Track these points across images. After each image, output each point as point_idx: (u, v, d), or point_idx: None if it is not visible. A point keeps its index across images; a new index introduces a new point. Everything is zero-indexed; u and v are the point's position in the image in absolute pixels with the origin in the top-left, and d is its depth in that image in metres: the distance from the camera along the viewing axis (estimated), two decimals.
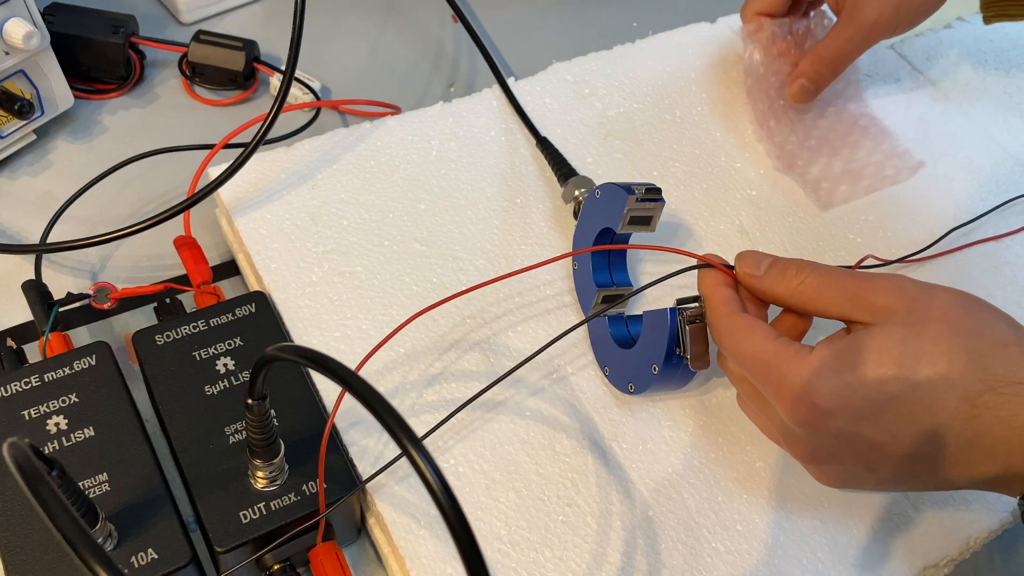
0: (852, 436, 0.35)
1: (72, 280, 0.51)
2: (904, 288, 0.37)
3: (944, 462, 0.35)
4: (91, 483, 0.38)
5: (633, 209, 0.43)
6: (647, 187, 0.43)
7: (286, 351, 0.27)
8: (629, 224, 0.44)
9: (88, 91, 0.59)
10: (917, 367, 0.34)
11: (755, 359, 0.37)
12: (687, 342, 0.40)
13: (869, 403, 0.35)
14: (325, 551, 0.40)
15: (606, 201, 0.45)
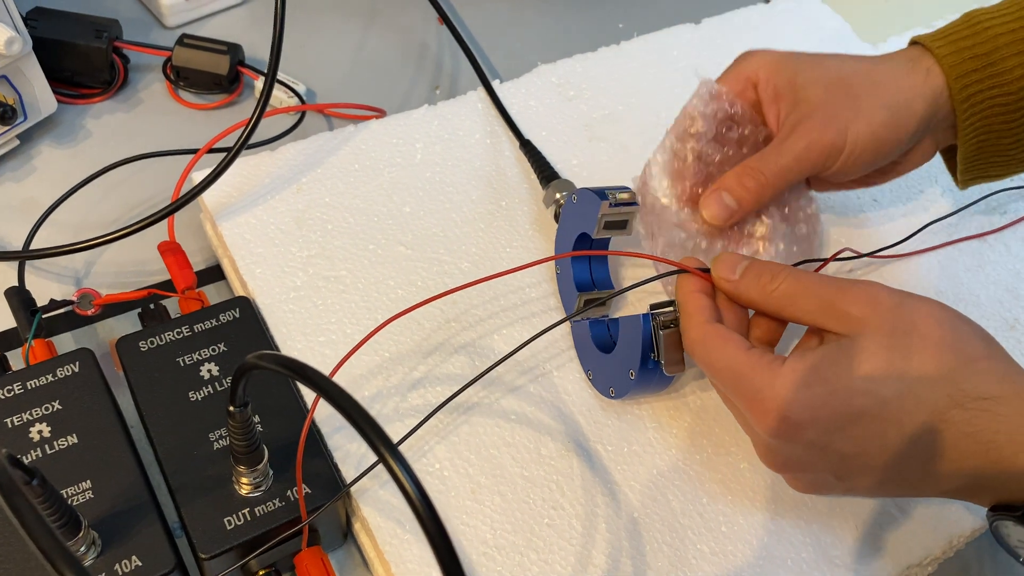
0: (823, 447, 0.36)
1: (56, 286, 0.51)
2: (878, 299, 0.36)
3: (912, 474, 0.36)
4: (75, 491, 0.38)
5: (607, 214, 0.43)
6: (621, 192, 0.43)
7: (264, 359, 0.27)
8: (604, 229, 0.44)
9: (72, 96, 0.58)
10: (886, 383, 0.35)
11: (727, 371, 0.37)
12: (661, 347, 0.40)
13: (839, 416, 0.35)
14: (310, 556, 0.40)
15: (582, 206, 0.45)
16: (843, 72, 0.45)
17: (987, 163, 0.47)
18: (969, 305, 0.52)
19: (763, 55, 0.46)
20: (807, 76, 0.44)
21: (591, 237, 0.45)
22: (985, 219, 0.56)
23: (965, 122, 0.45)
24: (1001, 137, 0.45)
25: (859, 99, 0.44)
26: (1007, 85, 0.44)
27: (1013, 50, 0.44)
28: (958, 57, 0.44)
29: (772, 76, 0.45)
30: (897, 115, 0.44)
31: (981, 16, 0.45)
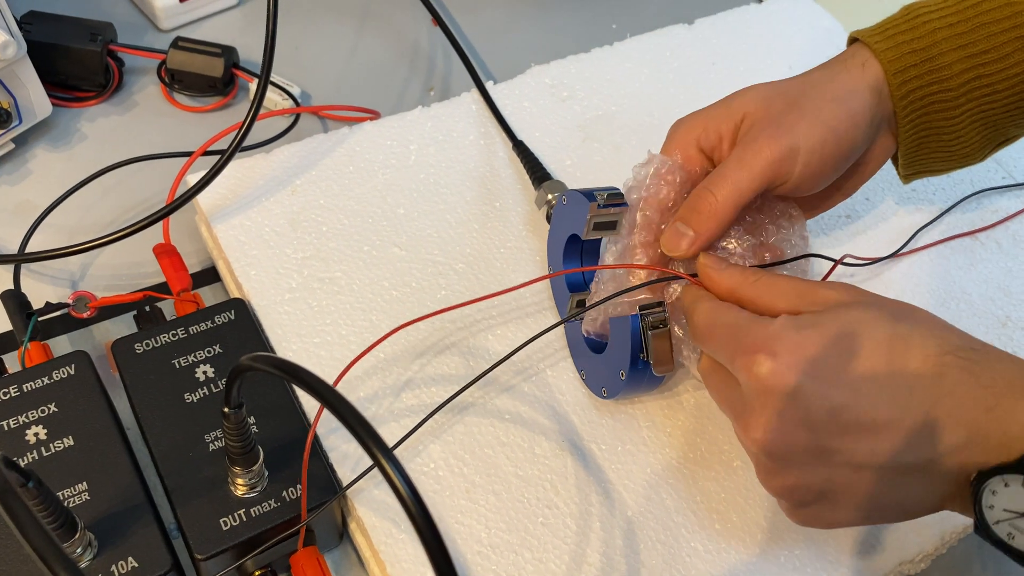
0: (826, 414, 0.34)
1: (52, 289, 0.51)
2: (851, 287, 0.38)
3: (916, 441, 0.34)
4: (71, 492, 0.38)
5: (596, 216, 0.43)
6: (610, 193, 0.43)
7: (259, 361, 0.28)
8: (594, 230, 0.44)
9: (67, 99, 0.59)
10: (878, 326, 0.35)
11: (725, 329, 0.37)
12: (650, 347, 0.41)
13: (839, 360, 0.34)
14: (306, 557, 0.40)
15: (572, 208, 0.45)
16: (777, 86, 0.44)
17: (928, 158, 0.46)
18: (961, 303, 0.52)
19: (690, 116, 0.44)
20: (741, 100, 0.43)
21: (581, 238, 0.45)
22: (976, 216, 0.57)
23: (904, 118, 0.44)
24: (942, 133, 0.45)
25: (802, 102, 0.42)
26: (946, 81, 0.43)
27: (952, 45, 0.43)
28: (896, 52, 0.43)
29: (708, 124, 0.43)
30: (848, 105, 0.42)
31: (920, 10, 0.44)
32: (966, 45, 0.43)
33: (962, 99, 0.43)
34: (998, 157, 0.60)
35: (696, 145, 0.43)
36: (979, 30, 0.43)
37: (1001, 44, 0.43)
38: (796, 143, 0.41)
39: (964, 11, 0.43)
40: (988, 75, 0.43)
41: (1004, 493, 0.33)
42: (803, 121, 0.41)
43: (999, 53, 0.43)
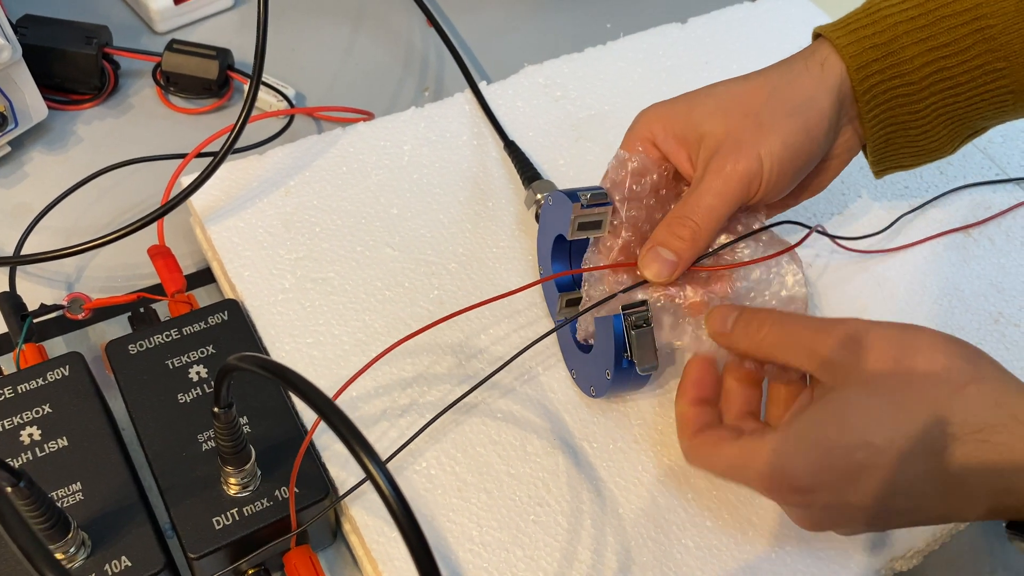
0: (840, 505, 0.36)
1: (48, 290, 0.51)
2: (859, 341, 0.37)
3: (931, 511, 0.36)
4: (64, 493, 0.39)
5: (580, 216, 0.43)
6: (593, 192, 0.43)
7: (245, 361, 0.28)
8: (579, 230, 0.44)
9: (62, 102, 0.59)
10: (877, 432, 0.34)
11: (728, 471, 0.39)
12: (633, 347, 0.41)
13: (843, 474, 0.35)
14: (299, 555, 0.41)
15: (557, 208, 0.45)
16: (736, 93, 0.43)
17: (897, 154, 0.46)
18: (954, 300, 0.53)
19: (652, 110, 0.45)
20: (702, 111, 0.43)
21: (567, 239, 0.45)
22: (969, 213, 0.57)
23: (868, 113, 0.44)
24: (908, 127, 0.44)
25: (759, 115, 0.42)
26: (908, 75, 0.43)
27: (912, 38, 0.42)
28: (858, 47, 0.43)
29: (666, 125, 0.44)
30: (805, 117, 0.42)
31: (881, 4, 0.44)
32: (926, 39, 0.42)
33: (925, 92, 0.43)
34: (990, 152, 0.60)
35: (651, 141, 0.44)
36: (939, 23, 0.42)
37: (961, 37, 0.42)
38: (759, 163, 0.41)
39: (924, 3, 0.43)
40: (949, 67, 0.43)
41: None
42: (763, 139, 0.42)
43: (959, 46, 0.42)
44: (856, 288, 0.52)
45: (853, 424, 0.35)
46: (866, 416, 0.35)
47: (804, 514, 0.38)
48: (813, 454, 0.35)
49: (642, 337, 0.41)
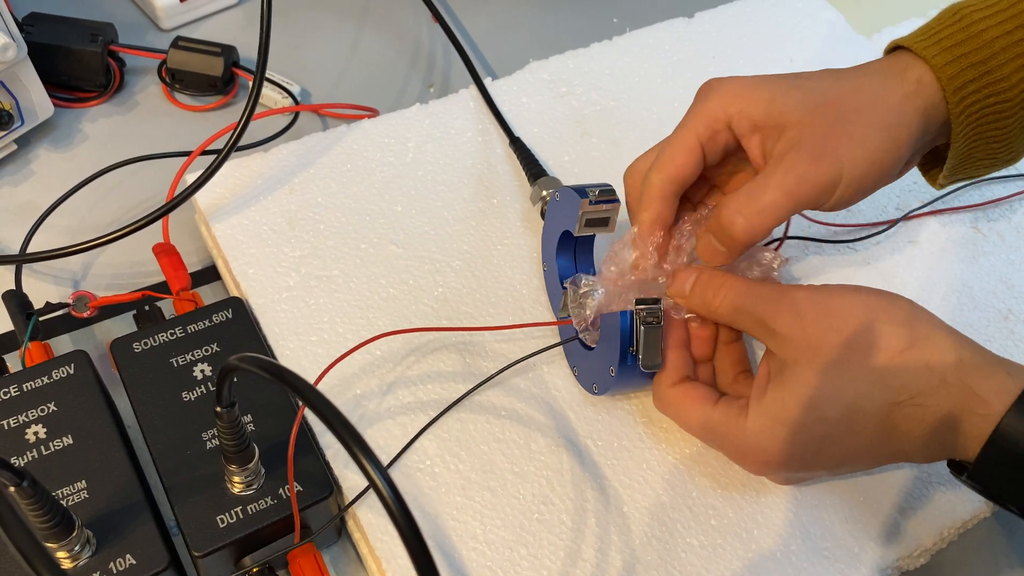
0: (806, 470, 0.40)
1: (54, 288, 0.51)
2: (800, 313, 0.39)
3: (883, 459, 0.40)
4: (70, 491, 0.39)
5: (588, 212, 0.43)
6: (601, 189, 0.43)
7: (245, 361, 0.28)
8: (586, 227, 0.44)
9: (68, 99, 0.59)
10: (829, 405, 0.38)
11: (701, 431, 0.42)
12: (641, 343, 0.41)
13: (809, 445, 0.39)
14: (303, 554, 0.41)
15: (564, 204, 0.45)
16: (826, 93, 0.41)
17: (973, 166, 0.44)
18: (963, 296, 0.52)
19: (729, 86, 0.42)
20: (786, 101, 0.40)
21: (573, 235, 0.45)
22: (981, 213, 0.56)
23: (959, 131, 0.42)
24: (992, 141, 0.43)
25: (849, 122, 0.40)
26: (1004, 93, 0.41)
27: (1010, 54, 0.40)
28: (956, 67, 0.41)
29: (746, 107, 0.41)
30: (893, 135, 0.40)
31: (973, 15, 0.41)
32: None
33: (1017, 108, 0.42)
34: None
35: (725, 123, 0.41)
36: None
37: None
38: (839, 173, 0.39)
39: (1021, 15, 0.41)
40: None
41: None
42: (849, 148, 0.39)
43: None
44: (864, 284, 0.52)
45: (810, 402, 0.38)
46: (820, 393, 0.38)
47: (773, 477, 0.42)
48: (781, 433, 0.38)
49: (650, 333, 0.41)
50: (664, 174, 0.42)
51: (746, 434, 0.39)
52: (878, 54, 0.63)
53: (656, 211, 0.42)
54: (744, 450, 0.40)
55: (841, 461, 0.39)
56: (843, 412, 0.38)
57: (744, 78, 0.42)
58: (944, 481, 0.45)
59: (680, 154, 0.42)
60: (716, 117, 0.42)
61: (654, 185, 0.42)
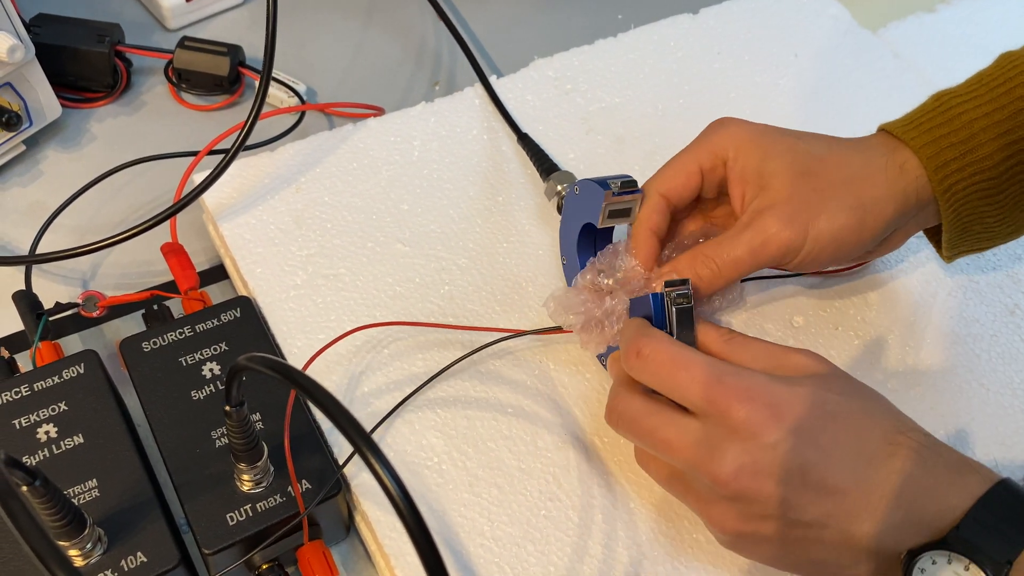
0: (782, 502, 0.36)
1: (64, 288, 0.52)
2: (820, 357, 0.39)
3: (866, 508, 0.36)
4: (80, 489, 0.39)
5: (611, 204, 0.44)
6: (623, 180, 0.44)
7: (254, 361, 0.28)
8: (609, 218, 0.44)
9: (76, 100, 0.59)
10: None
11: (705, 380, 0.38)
12: (674, 323, 0.41)
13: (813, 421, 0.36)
14: (312, 550, 0.41)
15: (585, 197, 0.45)
16: (814, 163, 0.43)
17: (973, 240, 0.46)
18: (968, 291, 0.52)
19: (734, 129, 0.44)
20: (776, 163, 0.43)
21: (596, 227, 0.45)
22: None
23: (948, 210, 0.43)
24: (985, 216, 0.44)
25: (825, 197, 0.42)
26: (988, 171, 0.42)
27: (991, 134, 0.42)
28: (935, 148, 0.42)
29: (741, 156, 0.43)
30: (864, 218, 0.42)
31: (952, 100, 0.43)
32: (1005, 133, 0.42)
33: (1005, 184, 0.43)
34: None
35: (722, 159, 0.44)
36: (1017, 116, 0.42)
37: None
38: (803, 243, 0.42)
39: (999, 98, 0.43)
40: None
41: (931, 571, 0.34)
42: (816, 223, 0.42)
43: None
44: (867, 280, 0.52)
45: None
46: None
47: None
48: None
49: (682, 314, 0.41)
50: (662, 188, 0.44)
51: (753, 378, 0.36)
52: (883, 49, 0.63)
53: (653, 221, 0.44)
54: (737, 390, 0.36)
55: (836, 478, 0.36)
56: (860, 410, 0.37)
57: (750, 126, 0.44)
58: None
59: (681, 175, 0.44)
60: (717, 153, 0.44)
61: (651, 197, 0.44)
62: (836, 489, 0.35)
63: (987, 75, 0.44)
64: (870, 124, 0.59)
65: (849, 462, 0.36)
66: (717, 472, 0.35)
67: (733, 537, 0.37)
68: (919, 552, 0.35)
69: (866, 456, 0.36)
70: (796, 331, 0.49)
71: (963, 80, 0.45)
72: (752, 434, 0.35)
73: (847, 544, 0.36)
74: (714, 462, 0.35)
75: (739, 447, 0.35)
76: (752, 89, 0.60)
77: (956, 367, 0.48)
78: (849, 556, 0.36)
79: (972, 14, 0.68)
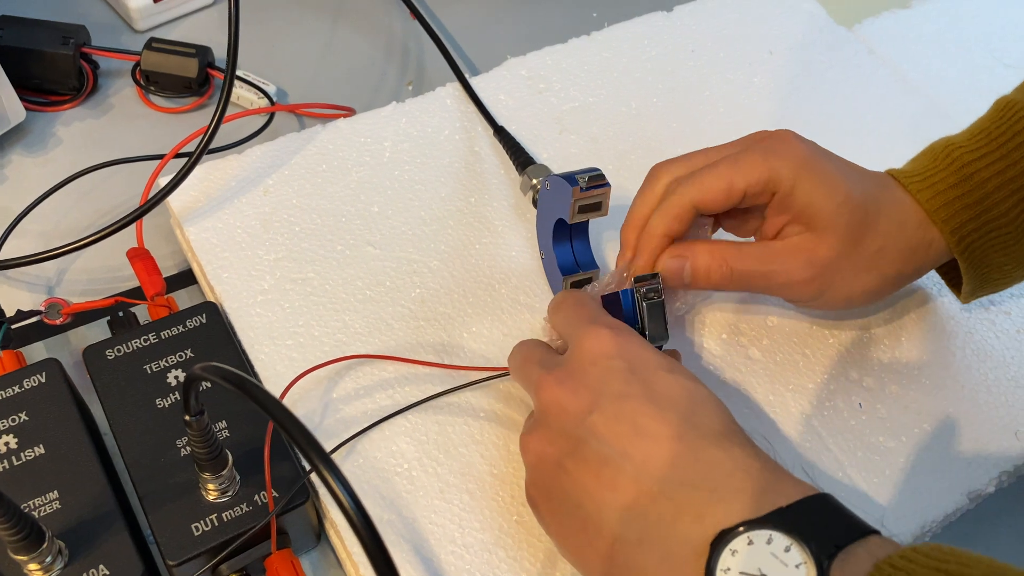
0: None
1: (29, 295, 0.51)
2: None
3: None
4: (41, 501, 0.38)
5: (580, 199, 0.43)
6: (591, 175, 0.43)
7: (208, 371, 0.28)
8: (579, 213, 0.44)
9: (41, 103, 0.58)
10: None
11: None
12: (645, 319, 0.41)
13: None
14: (280, 559, 0.40)
15: (555, 193, 0.45)
16: (861, 222, 0.42)
17: (991, 285, 0.46)
18: (944, 288, 0.52)
19: (796, 157, 0.42)
20: (830, 213, 0.41)
21: (567, 222, 0.45)
22: None
23: (967, 266, 0.44)
24: (1003, 266, 0.44)
25: (858, 265, 0.42)
26: (1004, 227, 0.43)
27: (1005, 192, 0.42)
28: (949, 210, 0.42)
29: (797, 191, 0.41)
30: (884, 287, 0.44)
31: (964, 156, 0.43)
32: (1019, 189, 0.42)
33: (1020, 233, 0.43)
34: None
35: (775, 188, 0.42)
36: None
37: None
38: (819, 296, 0.43)
39: (1010, 154, 0.42)
40: None
41: (745, 552, 0.31)
42: (838, 283, 0.43)
43: None
44: None
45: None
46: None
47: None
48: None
49: (653, 309, 0.41)
50: (697, 198, 0.42)
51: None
52: (858, 45, 0.63)
53: (673, 228, 0.42)
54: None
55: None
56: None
57: (810, 159, 0.42)
58: (926, 474, 0.45)
59: (722, 191, 0.41)
60: (772, 179, 0.41)
61: (680, 203, 0.42)
62: (641, 428, 0.34)
63: (992, 127, 0.44)
64: (844, 120, 0.59)
65: (675, 418, 0.34)
66: (543, 382, 0.37)
67: (534, 465, 0.37)
68: (731, 531, 0.31)
69: (694, 423, 0.35)
70: (770, 330, 0.48)
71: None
72: (592, 360, 0.37)
73: (637, 494, 0.33)
74: (551, 375, 0.37)
75: (572, 364, 0.37)
76: (727, 87, 0.60)
77: (931, 364, 0.48)
78: (631, 515, 0.34)
79: (946, 10, 0.68)
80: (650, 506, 0.33)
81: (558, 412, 0.36)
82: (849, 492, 0.44)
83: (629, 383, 0.36)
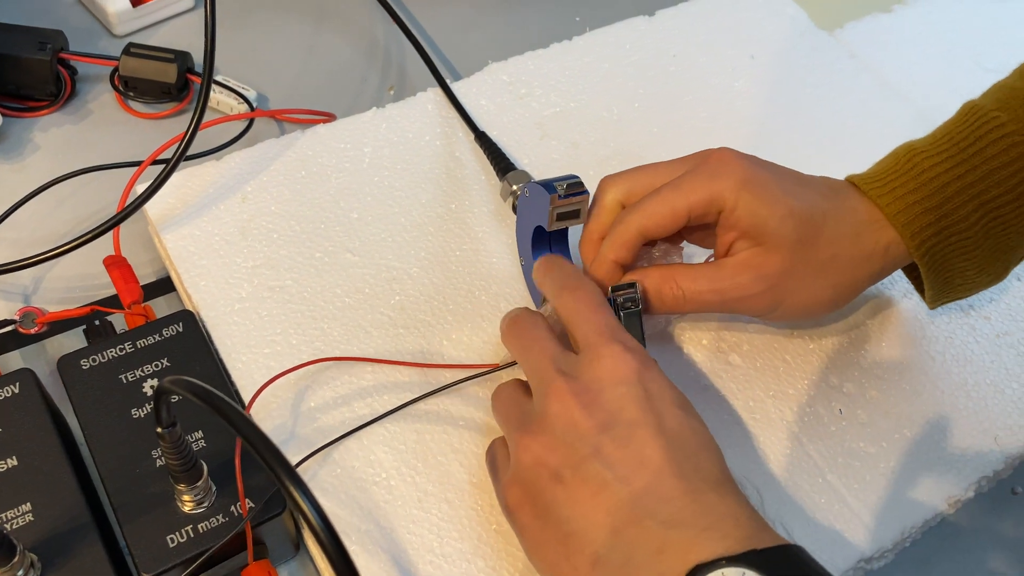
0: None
1: (3, 303, 0.50)
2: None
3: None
4: (14, 514, 0.38)
5: (558, 207, 0.43)
6: (569, 183, 0.43)
7: (176, 384, 0.27)
8: (557, 221, 0.44)
9: (18, 109, 0.58)
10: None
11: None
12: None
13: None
14: (257, 570, 0.40)
15: (534, 200, 0.45)
16: (808, 232, 0.42)
17: (955, 291, 0.46)
18: None
19: (736, 177, 0.42)
20: (775, 228, 0.42)
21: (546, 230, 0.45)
22: None
23: (928, 270, 0.44)
24: (965, 271, 0.44)
25: (812, 272, 0.43)
26: (964, 232, 0.43)
27: (964, 197, 0.42)
28: (909, 214, 0.42)
29: (740, 209, 0.42)
30: (841, 295, 0.44)
31: (924, 162, 0.43)
32: (979, 194, 0.42)
33: (981, 239, 0.43)
34: None
35: (720, 207, 0.42)
36: (990, 176, 0.42)
37: (1014, 186, 0.42)
38: (775, 308, 0.43)
39: (971, 159, 0.42)
40: (1003, 216, 0.43)
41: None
42: (793, 294, 0.43)
43: (1013, 195, 0.42)
44: None
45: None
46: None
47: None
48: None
49: (630, 318, 0.41)
50: (643, 224, 0.42)
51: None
52: (840, 50, 0.63)
53: (621, 255, 0.43)
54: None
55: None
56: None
57: (751, 175, 0.42)
58: (906, 479, 0.45)
59: (667, 216, 0.42)
60: (714, 201, 0.42)
61: (627, 230, 0.43)
62: (646, 459, 0.35)
63: (955, 131, 0.44)
64: (826, 125, 0.59)
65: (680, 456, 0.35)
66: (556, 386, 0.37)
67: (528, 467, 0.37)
68: (708, 565, 0.32)
69: (697, 465, 0.36)
70: (750, 336, 0.48)
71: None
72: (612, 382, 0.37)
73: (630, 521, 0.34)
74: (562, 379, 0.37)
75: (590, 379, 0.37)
76: (708, 92, 0.60)
77: (911, 369, 0.48)
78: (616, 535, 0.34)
79: (928, 14, 0.68)
80: (640, 535, 0.34)
81: (568, 423, 0.36)
82: (829, 498, 0.44)
83: (644, 412, 0.36)
